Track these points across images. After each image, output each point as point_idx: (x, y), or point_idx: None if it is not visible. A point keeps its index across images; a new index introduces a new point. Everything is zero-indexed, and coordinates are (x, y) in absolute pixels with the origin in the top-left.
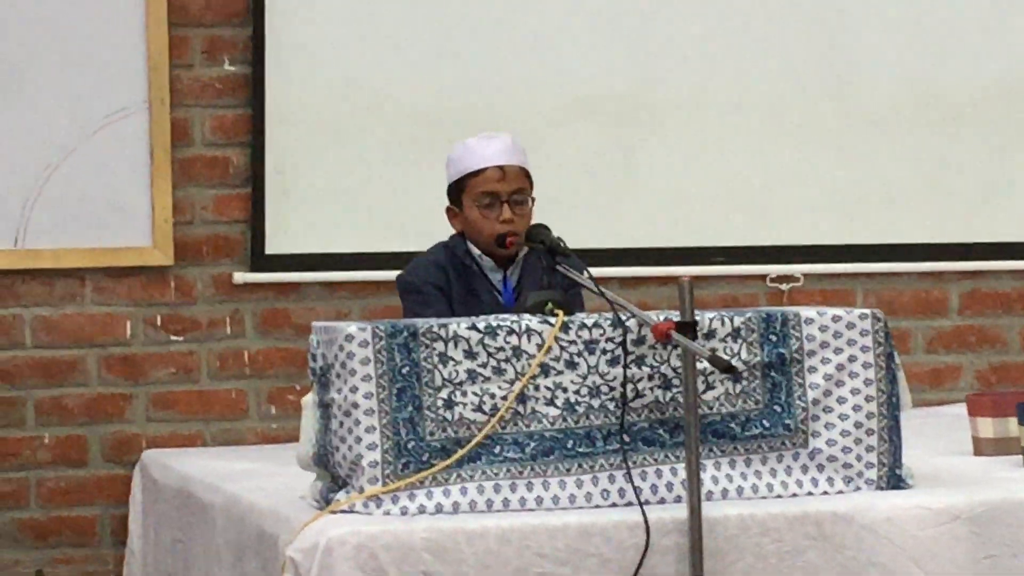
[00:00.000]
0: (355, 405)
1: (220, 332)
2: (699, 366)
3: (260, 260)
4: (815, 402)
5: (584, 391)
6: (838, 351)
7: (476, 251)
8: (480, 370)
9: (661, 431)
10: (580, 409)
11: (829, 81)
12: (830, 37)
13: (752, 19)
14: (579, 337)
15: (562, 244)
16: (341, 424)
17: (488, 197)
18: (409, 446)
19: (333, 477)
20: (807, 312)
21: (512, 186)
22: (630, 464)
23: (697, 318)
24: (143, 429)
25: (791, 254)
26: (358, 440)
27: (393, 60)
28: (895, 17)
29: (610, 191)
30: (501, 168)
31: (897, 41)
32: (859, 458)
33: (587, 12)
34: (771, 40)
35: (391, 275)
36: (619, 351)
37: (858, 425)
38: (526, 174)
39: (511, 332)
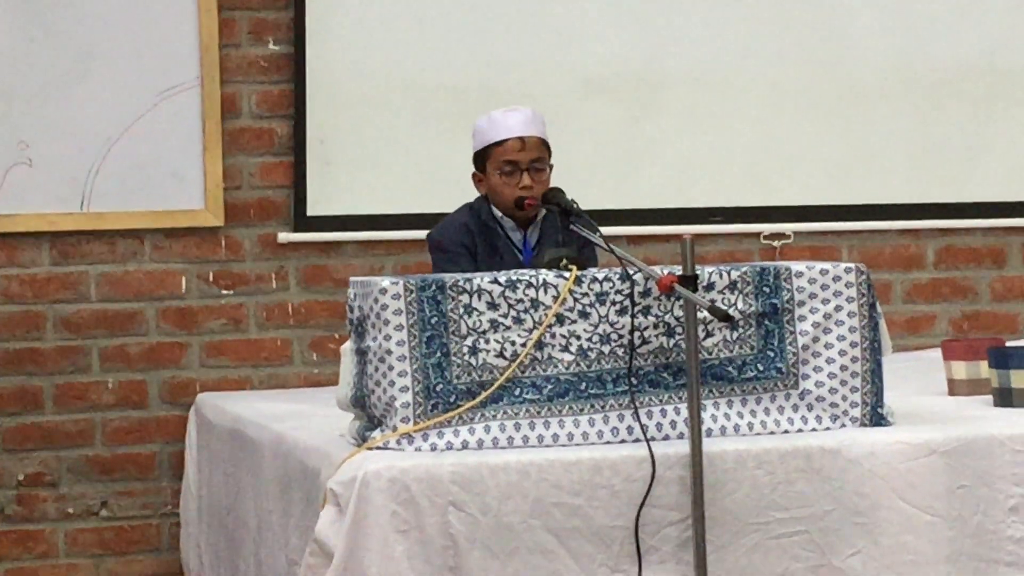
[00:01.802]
0: (389, 352)
1: (266, 287)
2: (699, 315)
3: (302, 221)
4: (805, 347)
5: (596, 338)
6: (825, 301)
7: (498, 213)
8: (501, 320)
9: (665, 374)
10: (592, 355)
11: (818, 57)
12: (820, 17)
13: (749, 3)
14: (591, 290)
15: (575, 205)
16: (376, 369)
17: (509, 165)
18: (438, 389)
19: (369, 417)
20: (797, 266)
21: (531, 155)
22: (637, 404)
23: (698, 272)
24: (197, 374)
25: (782, 214)
26: (391, 384)
27: (422, 41)
28: None
29: (620, 158)
30: (521, 139)
31: (882, 20)
32: (844, 398)
33: None
34: (765, 20)
35: (421, 234)
36: (627, 302)
37: (844, 368)
38: (545, 144)
39: (529, 285)
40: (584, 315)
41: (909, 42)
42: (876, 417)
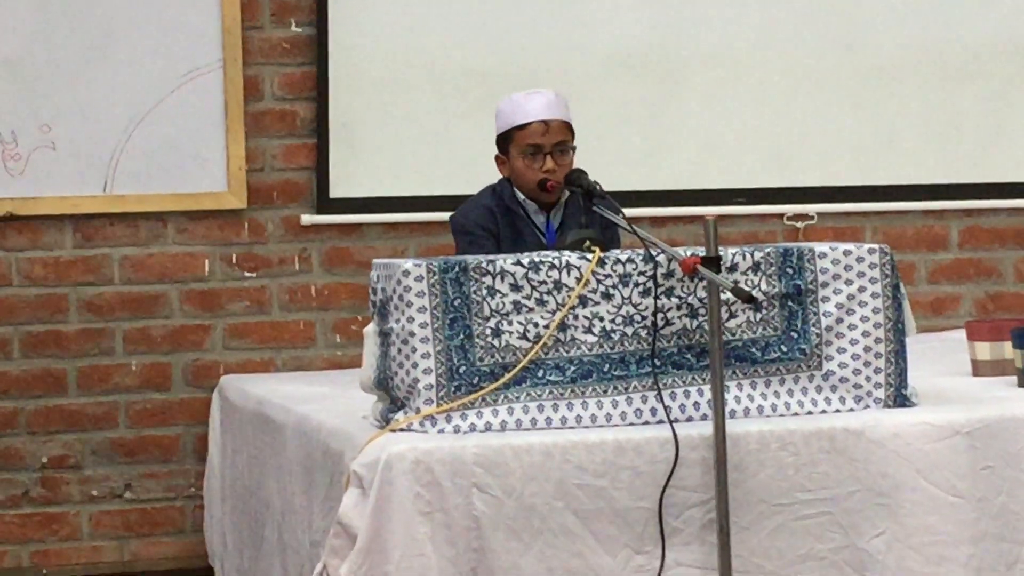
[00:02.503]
0: (412, 334)
1: (289, 269)
2: (723, 297)
3: (325, 203)
4: (828, 329)
5: (619, 320)
6: (849, 282)
7: (521, 196)
8: (524, 301)
9: (689, 356)
10: (615, 336)
11: (841, 37)
12: None
13: None
14: (614, 271)
15: (598, 187)
16: (399, 351)
17: (532, 148)
18: (461, 370)
19: (392, 399)
20: (821, 247)
21: (554, 139)
22: (661, 386)
23: (721, 253)
24: (221, 357)
25: (806, 195)
26: (415, 365)
27: (445, 22)
28: None
29: (642, 139)
30: (545, 122)
31: (904, 1)
32: (868, 379)
33: None
34: (788, 0)
35: (444, 216)
36: (650, 283)
37: (867, 349)
38: (568, 127)
39: (552, 267)
40: (607, 297)
41: (933, 21)
42: (900, 398)
